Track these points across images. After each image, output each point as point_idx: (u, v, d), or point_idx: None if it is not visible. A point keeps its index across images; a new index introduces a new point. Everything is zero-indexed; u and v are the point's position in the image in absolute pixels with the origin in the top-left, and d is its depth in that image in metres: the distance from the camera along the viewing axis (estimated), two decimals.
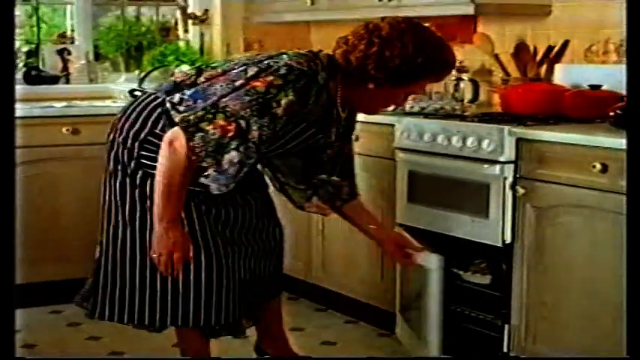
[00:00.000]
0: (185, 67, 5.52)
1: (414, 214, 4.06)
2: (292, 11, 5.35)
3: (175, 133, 2.89)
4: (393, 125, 4.15)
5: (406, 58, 2.94)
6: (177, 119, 2.91)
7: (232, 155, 2.84)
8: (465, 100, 4.63)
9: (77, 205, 4.85)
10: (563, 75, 4.30)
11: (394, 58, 2.94)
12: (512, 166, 3.64)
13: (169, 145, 2.90)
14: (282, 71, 2.89)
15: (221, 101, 2.87)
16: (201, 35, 5.95)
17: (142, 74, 5.50)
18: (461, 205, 3.83)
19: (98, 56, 6.01)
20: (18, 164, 4.59)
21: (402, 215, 4.13)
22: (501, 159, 3.65)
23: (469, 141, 3.77)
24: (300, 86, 2.89)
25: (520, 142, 3.62)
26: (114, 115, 4.84)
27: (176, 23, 6.50)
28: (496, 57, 4.53)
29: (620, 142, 3.20)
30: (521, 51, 4.44)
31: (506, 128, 3.65)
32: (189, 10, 5.96)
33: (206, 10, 5.92)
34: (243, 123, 2.83)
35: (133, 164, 3.13)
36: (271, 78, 2.87)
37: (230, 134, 2.83)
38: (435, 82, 3.18)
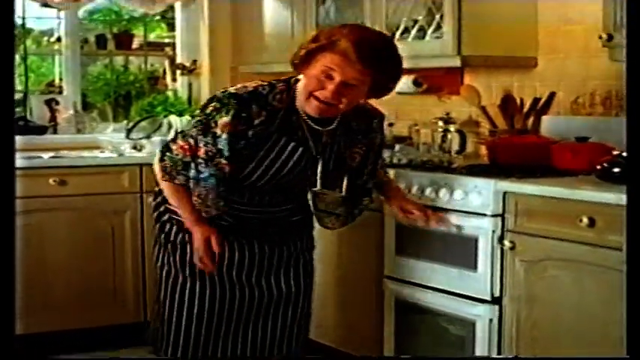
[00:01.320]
0: (173, 118, 5.53)
1: (402, 266, 4.06)
2: (280, 62, 5.34)
3: (156, 157, 3.35)
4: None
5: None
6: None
7: (189, 172, 3.22)
8: (453, 152, 4.64)
9: (64, 256, 4.84)
10: (549, 127, 4.32)
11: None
12: (499, 219, 3.65)
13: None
14: (221, 96, 3.18)
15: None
16: (190, 85, 5.98)
17: (130, 124, 5.51)
18: (449, 258, 3.83)
19: (86, 105, 6.03)
20: None
21: (390, 268, 4.12)
22: (488, 212, 3.65)
23: (456, 194, 3.78)
24: (235, 107, 3.13)
25: (507, 195, 3.63)
26: (102, 165, 4.92)
27: (164, 72, 6.54)
28: (483, 109, 4.55)
29: (608, 196, 3.21)
30: (508, 103, 4.46)
31: (493, 182, 3.66)
32: (178, 60, 5.98)
33: (194, 61, 5.95)
34: (192, 141, 3.19)
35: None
36: (214, 103, 3.17)
37: (187, 153, 3.20)
38: (334, 60, 3.07)
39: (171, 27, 6.33)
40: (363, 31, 3.16)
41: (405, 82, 4.88)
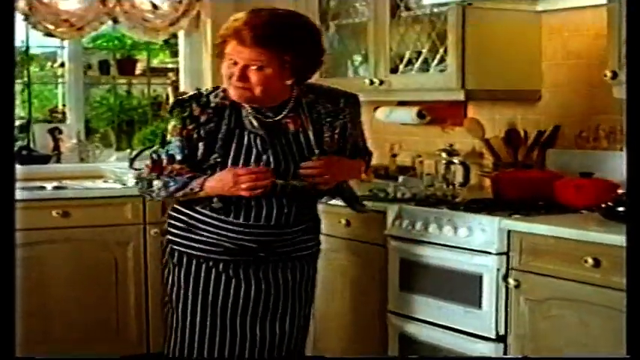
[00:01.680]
0: None
1: (406, 302, 4.04)
2: None
3: None
4: (384, 212, 4.13)
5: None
6: None
7: (156, 183, 3.31)
8: (456, 184, 4.63)
9: (66, 288, 4.83)
10: (554, 160, 4.32)
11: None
12: (504, 257, 3.63)
13: None
14: (169, 107, 3.37)
15: None
16: None
17: (134, 154, 5.49)
18: (453, 295, 3.81)
19: (89, 130, 6.03)
20: None
21: (394, 303, 4.11)
22: (493, 250, 3.64)
23: (460, 231, 3.77)
24: (177, 112, 3.26)
25: (511, 233, 3.61)
26: (105, 197, 4.92)
27: (167, 98, 6.54)
28: (486, 141, 4.54)
29: (613, 237, 3.20)
30: (511, 136, 4.45)
31: (497, 219, 3.64)
32: (181, 88, 5.97)
33: (197, 89, 5.91)
34: (155, 156, 3.33)
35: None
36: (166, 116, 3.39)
37: (151, 167, 3.35)
38: (233, 47, 3.18)
39: (175, 53, 6.34)
40: (260, 13, 3.18)
41: (408, 114, 4.89)
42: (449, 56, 4.31)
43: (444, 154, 4.67)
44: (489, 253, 3.65)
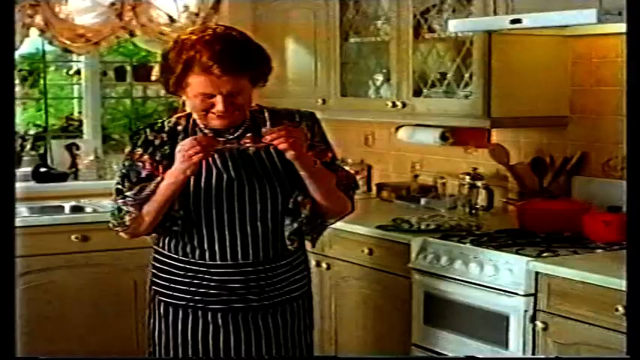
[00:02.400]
0: None
1: (430, 336, 3.98)
2: (302, 106, 5.27)
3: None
4: (408, 244, 4.07)
5: (164, 58, 3.09)
6: None
7: (123, 206, 3.12)
8: (479, 207, 4.57)
9: (86, 313, 4.80)
10: (580, 189, 4.25)
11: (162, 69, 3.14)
12: (531, 298, 3.57)
13: None
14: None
15: None
16: None
17: None
18: (480, 333, 3.75)
19: (105, 138, 5.97)
20: (25, 273, 4.58)
21: (418, 336, 4.05)
22: (520, 292, 3.57)
23: (487, 269, 3.71)
24: (132, 139, 3.18)
25: (539, 275, 3.54)
26: None
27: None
28: (511, 167, 4.46)
29: None
30: (538, 163, 4.37)
31: (525, 261, 3.57)
32: None
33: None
34: (119, 186, 3.16)
35: None
36: None
37: (113, 197, 3.18)
38: (205, 82, 2.96)
39: None
40: (215, 39, 2.97)
41: (431, 136, 4.81)
42: (474, 83, 4.23)
43: (467, 178, 4.63)
44: (516, 294, 3.58)
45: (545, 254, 3.63)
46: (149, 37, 5.58)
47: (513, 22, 3.79)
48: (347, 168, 5.33)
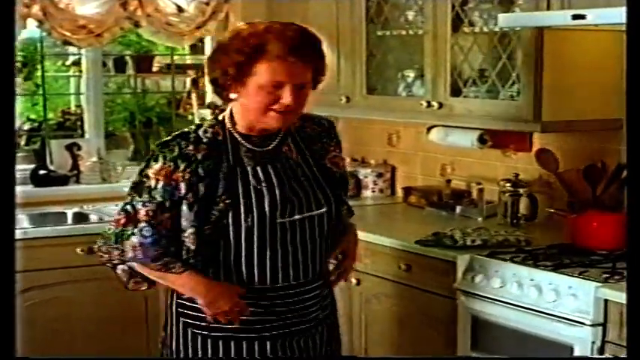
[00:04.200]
0: None
1: None
2: (324, 105, 4.89)
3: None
4: (453, 262, 3.69)
5: (219, 49, 2.88)
6: None
7: (131, 241, 2.83)
8: (521, 216, 4.21)
9: (94, 330, 4.46)
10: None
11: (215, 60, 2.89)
12: (599, 328, 3.20)
13: None
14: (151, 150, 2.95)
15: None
16: None
17: None
18: None
19: (106, 133, 5.58)
20: (27, 290, 4.24)
21: None
22: (587, 321, 3.20)
23: (547, 294, 3.33)
24: (162, 152, 2.83)
25: (609, 303, 3.17)
26: None
27: (189, 94, 6.10)
28: (559, 175, 4.07)
29: None
30: (591, 170, 3.99)
31: (594, 286, 3.20)
32: (208, 99, 5.50)
33: (182, 130, 5.45)
34: (130, 208, 2.84)
35: None
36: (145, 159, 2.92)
37: (122, 222, 2.84)
38: (276, 68, 2.78)
39: (193, 48, 5.85)
40: (285, 28, 2.83)
41: (469, 138, 4.43)
42: (522, 82, 3.84)
43: (508, 185, 4.26)
44: (583, 323, 3.21)
45: (613, 278, 3.25)
46: (155, 28, 5.18)
47: (575, 17, 3.39)
48: (369, 170, 5.07)
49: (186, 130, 2.90)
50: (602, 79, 3.89)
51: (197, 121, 5.61)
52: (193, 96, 5.89)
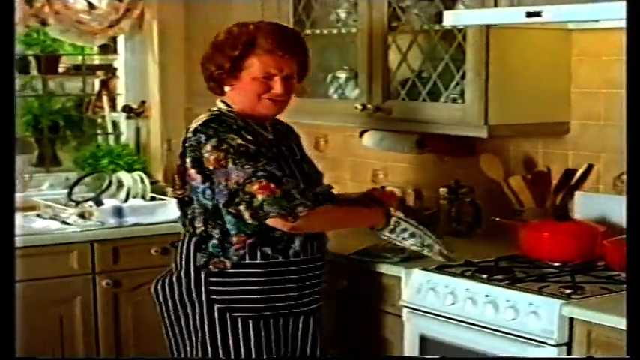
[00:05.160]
0: (124, 175, 4.73)
1: None
2: None
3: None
4: (398, 277, 3.45)
5: (214, 48, 3.25)
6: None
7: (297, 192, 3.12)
8: (463, 225, 4.00)
9: None
10: (585, 207, 3.69)
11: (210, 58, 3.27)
12: (564, 348, 2.98)
13: None
14: (201, 127, 3.18)
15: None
16: (137, 131, 5.16)
17: (73, 181, 4.70)
18: None
19: None
20: None
21: None
22: (551, 341, 2.98)
23: (504, 312, 3.10)
24: (214, 130, 3.14)
25: (574, 321, 2.96)
26: (46, 245, 4.22)
27: (99, 95, 5.72)
28: (506, 182, 3.86)
29: None
30: (538, 177, 3.79)
31: (558, 304, 2.98)
32: (122, 102, 5.17)
33: (143, 102, 5.14)
34: (261, 173, 3.10)
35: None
36: (208, 132, 3.17)
37: (270, 186, 3.07)
38: (267, 61, 3.19)
39: (102, 48, 5.51)
40: (273, 26, 3.30)
41: (405, 143, 4.19)
42: (468, 84, 3.61)
43: (446, 192, 4.04)
44: (546, 343, 2.99)
45: (576, 294, 3.04)
46: (64, 27, 4.86)
47: (530, 15, 3.16)
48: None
49: (209, 117, 3.17)
50: (545, 81, 3.70)
51: (109, 124, 5.32)
52: (105, 98, 5.54)
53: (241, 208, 3.03)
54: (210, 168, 3.06)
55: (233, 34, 3.19)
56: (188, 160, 3.10)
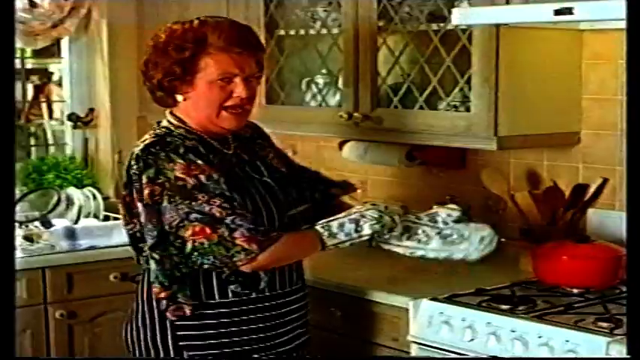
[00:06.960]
0: (73, 191, 4.29)
1: None
2: None
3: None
4: (405, 309, 3.07)
5: (155, 50, 2.78)
6: None
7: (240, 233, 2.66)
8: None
9: None
10: (600, 225, 3.38)
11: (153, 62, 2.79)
12: None
13: None
14: (146, 152, 2.74)
15: None
16: (85, 141, 4.72)
17: (16, 198, 4.25)
18: None
19: None
20: None
21: None
22: None
23: (535, 350, 2.75)
24: (180, 153, 2.73)
25: None
26: None
27: (31, 105, 5.25)
28: (512, 197, 3.52)
29: None
30: (549, 193, 3.45)
31: (605, 342, 2.62)
32: (68, 110, 4.74)
33: (91, 110, 4.69)
34: (197, 216, 2.68)
35: None
36: (157, 161, 2.73)
37: (206, 231, 2.67)
38: (226, 60, 2.73)
39: (36, 51, 5.05)
40: (223, 20, 2.82)
41: (393, 156, 3.83)
42: (475, 91, 3.26)
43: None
44: None
45: (618, 330, 2.69)
46: None
47: (558, 12, 2.80)
48: None
49: (152, 139, 2.72)
50: (557, 86, 3.38)
51: (49, 133, 4.87)
52: (43, 105, 5.09)
53: (173, 252, 2.66)
54: (144, 203, 2.67)
55: (177, 32, 2.74)
56: (134, 191, 2.70)
